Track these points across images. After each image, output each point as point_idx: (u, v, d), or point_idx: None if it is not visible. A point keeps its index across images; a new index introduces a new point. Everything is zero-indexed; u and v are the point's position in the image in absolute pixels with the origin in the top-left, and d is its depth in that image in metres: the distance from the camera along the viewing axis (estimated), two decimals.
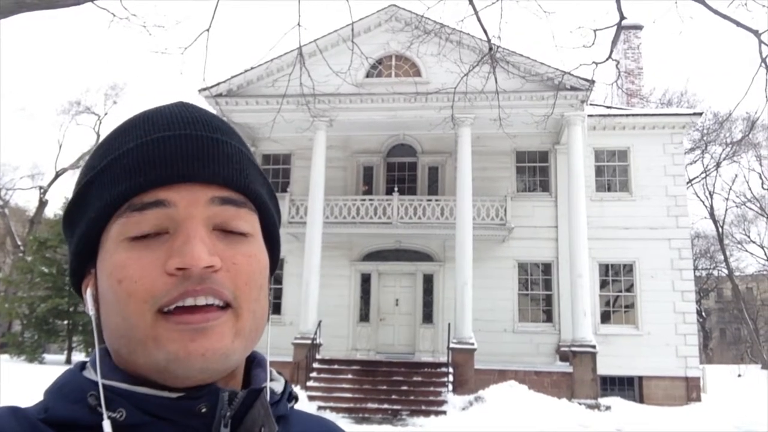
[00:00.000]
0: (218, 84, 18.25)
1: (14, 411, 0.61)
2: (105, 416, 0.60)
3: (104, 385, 0.62)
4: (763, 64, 7.92)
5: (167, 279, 0.61)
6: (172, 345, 0.60)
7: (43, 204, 38.62)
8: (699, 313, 44.76)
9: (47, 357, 25.87)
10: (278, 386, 0.72)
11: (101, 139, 0.73)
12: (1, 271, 38.70)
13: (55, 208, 36.44)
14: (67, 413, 0.61)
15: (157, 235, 0.63)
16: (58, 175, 39.34)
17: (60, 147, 41.08)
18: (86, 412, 0.61)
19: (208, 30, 7.53)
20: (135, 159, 0.65)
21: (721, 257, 43.62)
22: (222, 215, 0.65)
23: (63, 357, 26.07)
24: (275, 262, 0.75)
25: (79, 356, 26.01)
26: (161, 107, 0.71)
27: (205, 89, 17.60)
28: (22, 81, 71.49)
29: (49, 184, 39.47)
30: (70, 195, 0.74)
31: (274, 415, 0.66)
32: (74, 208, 0.69)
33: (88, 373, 0.65)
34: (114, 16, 8.29)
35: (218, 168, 0.65)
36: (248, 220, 0.68)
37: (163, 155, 0.64)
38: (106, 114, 40.71)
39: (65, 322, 25.15)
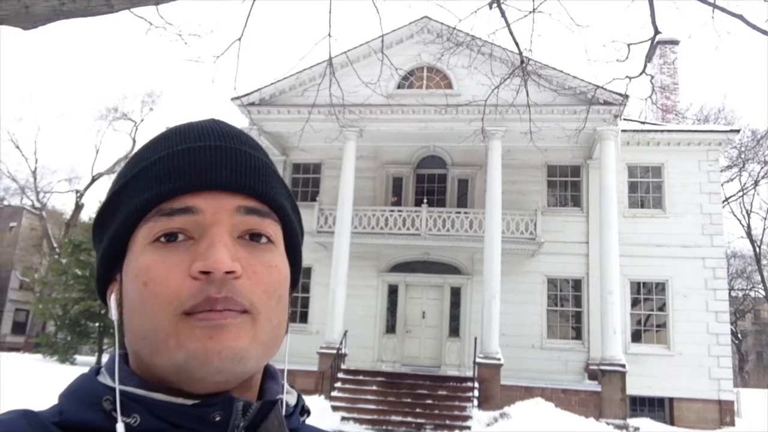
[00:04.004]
0: (250, 93, 18.48)
1: (26, 414, 0.61)
2: (119, 421, 0.60)
3: (120, 390, 0.62)
4: None
5: (192, 282, 0.62)
6: (192, 343, 0.61)
7: (79, 207, 39.53)
8: (734, 334, 43.63)
9: (78, 358, 26.32)
10: (291, 399, 0.72)
11: (135, 149, 0.76)
12: (37, 272, 39.58)
13: (90, 212, 37.23)
14: (82, 417, 0.62)
15: (182, 240, 0.65)
16: (94, 179, 40.24)
17: (97, 152, 42.13)
18: (101, 417, 0.61)
19: (239, 39, 7.61)
20: (165, 166, 0.67)
21: (759, 278, 42.52)
22: (246, 224, 0.67)
23: (93, 359, 26.47)
24: (297, 276, 0.76)
25: None
26: (193, 122, 0.73)
27: (237, 98, 17.82)
28: (62, 86, 73.45)
29: (86, 188, 40.42)
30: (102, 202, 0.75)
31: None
32: (104, 214, 0.71)
33: (103, 378, 0.66)
34: (150, 24, 8.41)
35: (245, 178, 0.67)
36: (272, 231, 0.69)
37: (192, 163, 0.66)
38: (142, 120, 41.56)
39: (97, 324, 25.58)
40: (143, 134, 42.75)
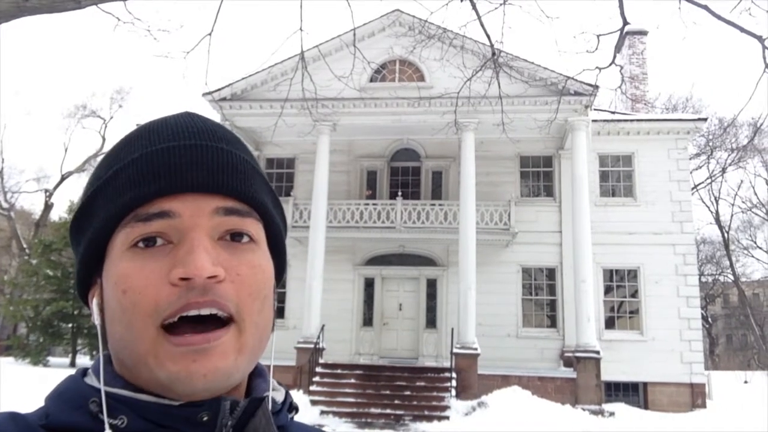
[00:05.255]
0: (221, 88, 18.28)
1: (14, 417, 0.61)
2: (106, 423, 0.60)
3: (106, 392, 0.62)
4: (767, 70, 7.87)
5: (171, 289, 0.61)
6: (173, 366, 0.60)
7: (48, 207, 38.78)
8: (705, 319, 44.56)
9: (52, 360, 25.90)
10: (279, 396, 0.72)
11: (109, 148, 0.73)
12: (7, 273, 38.81)
13: (60, 212, 36.52)
14: (68, 419, 0.61)
15: (161, 245, 0.63)
16: (63, 178, 39.49)
17: (66, 150, 41.43)
18: (87, 419, 0.61)
19: (210, 34, 7.54)
20: (140, 169, 0.65)
21: (727, 263, 43.46)
22: (227, 225, 0.65)
23: (67, 360, 26.10)
24: (281, 272, 0.75)
25: (83, 359, 26.06)
26: (167, 117, 0.71)
27: (208, 93, 17.63)
28: (29, 84, 71.93)
29: (55, 188, 39.66)
30: (76, 200, 0.73)
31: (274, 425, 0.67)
32: (80, 218, 0.70)
33: (90, 380, 0.65)
34: (118, 20, 8.29)
35: (223, 178, 0.66)
36: (253, 229, 0.67)
37: (168, 165, 0.64)
38: (111, 118, 40.85)
39: (70, 325, 25.20)
40: (113, 132, 42.09)
